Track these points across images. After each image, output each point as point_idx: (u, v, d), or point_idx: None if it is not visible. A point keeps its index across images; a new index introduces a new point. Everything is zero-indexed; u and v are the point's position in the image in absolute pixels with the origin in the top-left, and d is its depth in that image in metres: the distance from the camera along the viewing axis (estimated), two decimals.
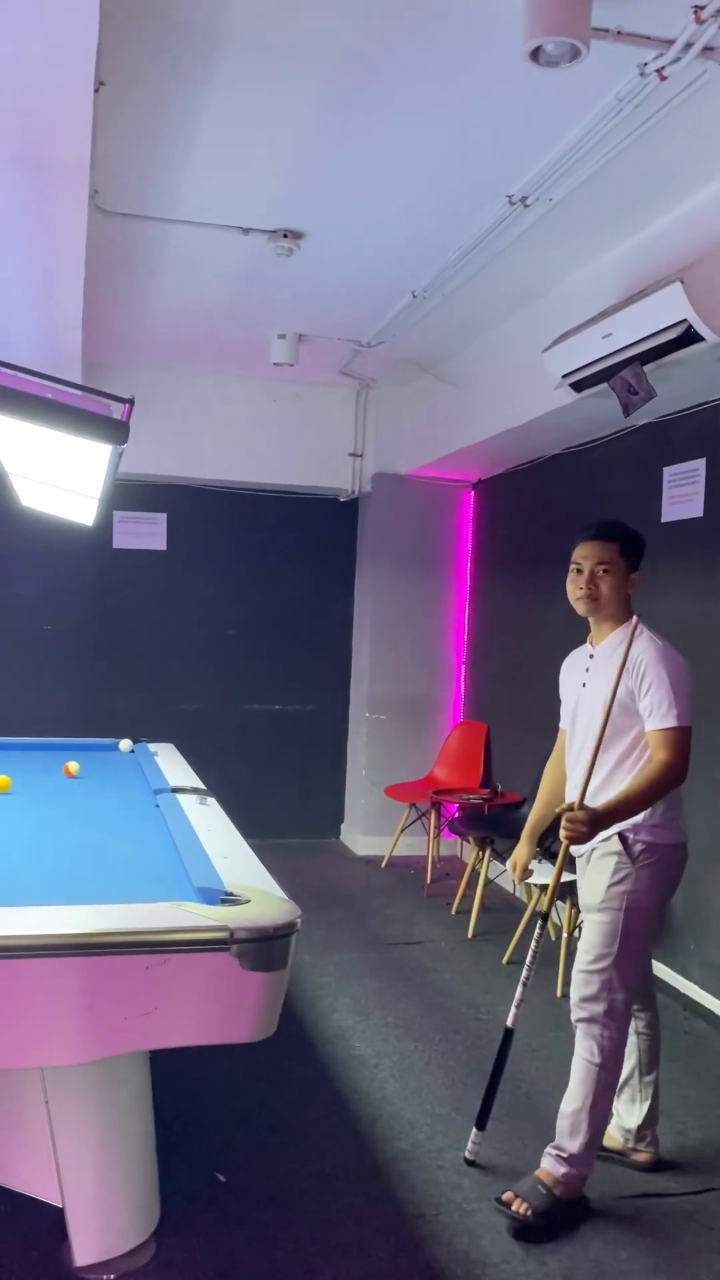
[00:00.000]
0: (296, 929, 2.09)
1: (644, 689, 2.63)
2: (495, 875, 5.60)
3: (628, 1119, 2.86)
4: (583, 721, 2.80)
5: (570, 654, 2.98)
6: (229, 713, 6.74)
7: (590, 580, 2.75)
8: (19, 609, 6.40)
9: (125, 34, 2.60)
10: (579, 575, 2.77)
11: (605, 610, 2.77)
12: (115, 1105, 2.32)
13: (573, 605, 2.81)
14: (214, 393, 6.27)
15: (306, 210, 3.77)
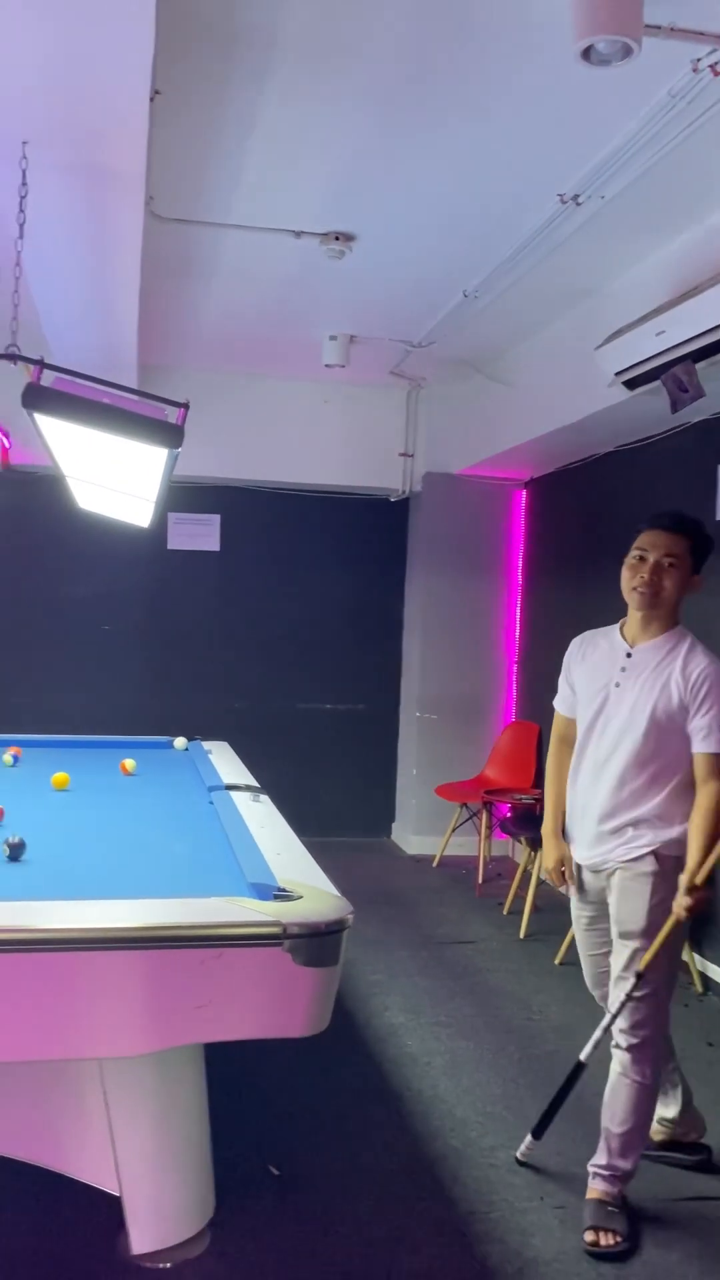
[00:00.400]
0: (348, 925, 2.11)
1: (702, 709, 2.51)
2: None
3: (667, 1111, 2.84)
4: (615, 725, 2.62)
5: (586, 635, 2.78)
6: (281, 711, 6.80)
7: (654, 571, 2.57)
8: (77, 609, 6.51)
9: (180, 43, 2.64)
10: (641, 564, 2.58)
11: (662, 608, 2.59)
12: (171, 1097, 2.36)
13: (626, 595, 2.62)
14: (266, 395, 6.33)
15: (358, 212, 3.79)
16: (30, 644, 6.47)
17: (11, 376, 4.79)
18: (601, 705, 2.65)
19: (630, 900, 2.58)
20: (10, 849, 2.60)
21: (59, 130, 2.60)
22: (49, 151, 2.67)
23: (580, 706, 2.74)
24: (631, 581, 2.60)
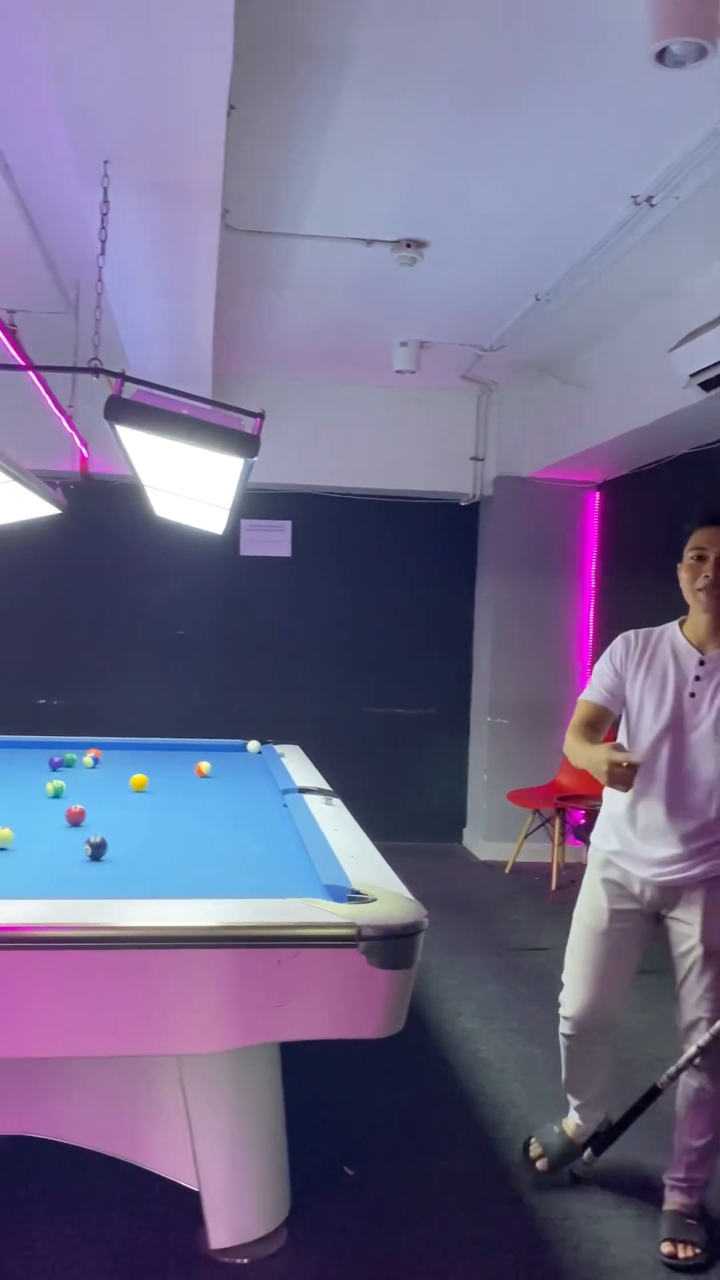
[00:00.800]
0: (423, 928, 2.13)
1: None
2: None
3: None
4: (696, 737, 2.47)
5: (638, 635, 2.59)
6: (352, 715, 6.83)
7: (717, 568, 2.44)
8: (153, 615, 6.64)
9: (255, 58, 2.69)
10: (701, 564, 2.46)
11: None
12: (248, 1094, 2.40)
13: (690, 597, 2.49)
14: (337, 401, 6.38)
15: (430, 219, 3.81)
16: (108, 649, 6.61)
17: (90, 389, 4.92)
18: (675, 717, 2.50)
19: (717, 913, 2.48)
20: (92, 848, 2.67)
21: (139, 148, 2.67)
22: (129, 170, 2.75)
23: (643, 716, 2.54)
24: (696, 582, 2.47)
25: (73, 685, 6.56)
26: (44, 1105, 2.39)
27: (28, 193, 3.59)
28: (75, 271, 4.33)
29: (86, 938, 2.00)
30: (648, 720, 2.53)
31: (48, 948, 1.99)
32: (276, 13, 2.53)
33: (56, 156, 3.24)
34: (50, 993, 2.01)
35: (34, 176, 3.46)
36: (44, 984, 2.00)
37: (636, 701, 2.55)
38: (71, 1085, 2.38)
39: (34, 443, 5.17)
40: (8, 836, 2.74)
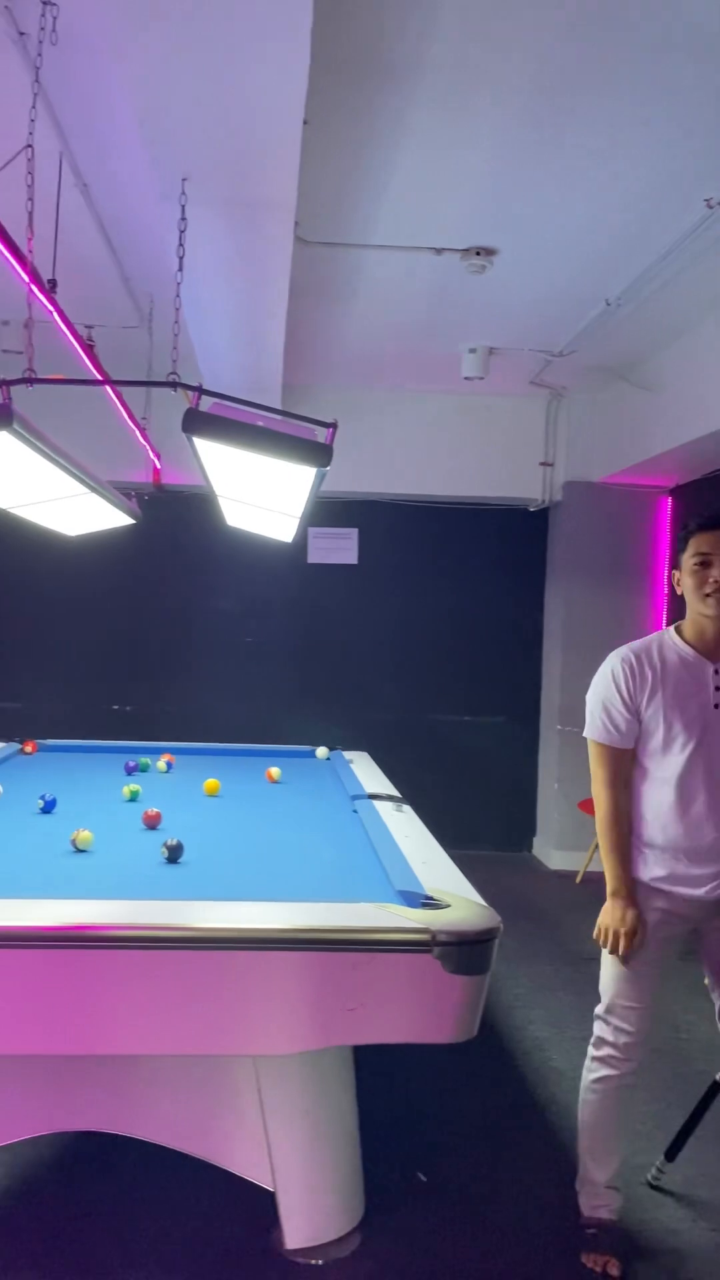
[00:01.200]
0: (498, 934, 2.13)
1: None
2: None
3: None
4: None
5: (636, 654, 2.52)
6: (420, 722, 6.84)
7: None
8: (221, 622, 6.73)
9: (328, 73, 2.72)
10: (706, 570, 2.39)
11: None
12: (322, 1096, 2.42)
13: (698, 603, 2.42)
14: (404, 409, 6.40)
15: (499, 227, 3.82)
16: (179, 656, 6.72)
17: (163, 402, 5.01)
18: (705, 732, 2.43)
19: None
20: (169, 851, 2.72)
21: (216, 166, 2.73)
22: (206, 187, 2.81)
23: (673, 736, 2.46)
24: (704, 588, 2.40)
25: (145, 691, 6.68)
26: (123, 1102, 2.44)
27: (104, 211, 3.68)
28: (149, 286, 4.42)
29: (165, 938, 2.05)
30: (679, 740, 2.45)
31: (128, 947, 2.04)
32: (349, 29, 2.56)
33: (132, 176, 3.33)
34: (130, 991, 2.05)
35: (110, 195, 3.55)
36: (124, 983, 2.05)
37: (659, 722, 2.47)
38: (150, 1084, 2.43)
39: (109, 454, 5.28)
40: (88, 839, 2.81)
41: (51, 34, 2.51)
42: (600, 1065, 2.54)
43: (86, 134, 3.12)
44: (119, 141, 3.13)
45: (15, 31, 2.59)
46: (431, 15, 2.53)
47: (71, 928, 2.05)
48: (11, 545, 5.91)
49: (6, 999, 2.03)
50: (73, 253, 3.68)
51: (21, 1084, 2.42)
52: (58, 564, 6.20)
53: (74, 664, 6.64)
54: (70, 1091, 2.44)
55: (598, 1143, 2.53)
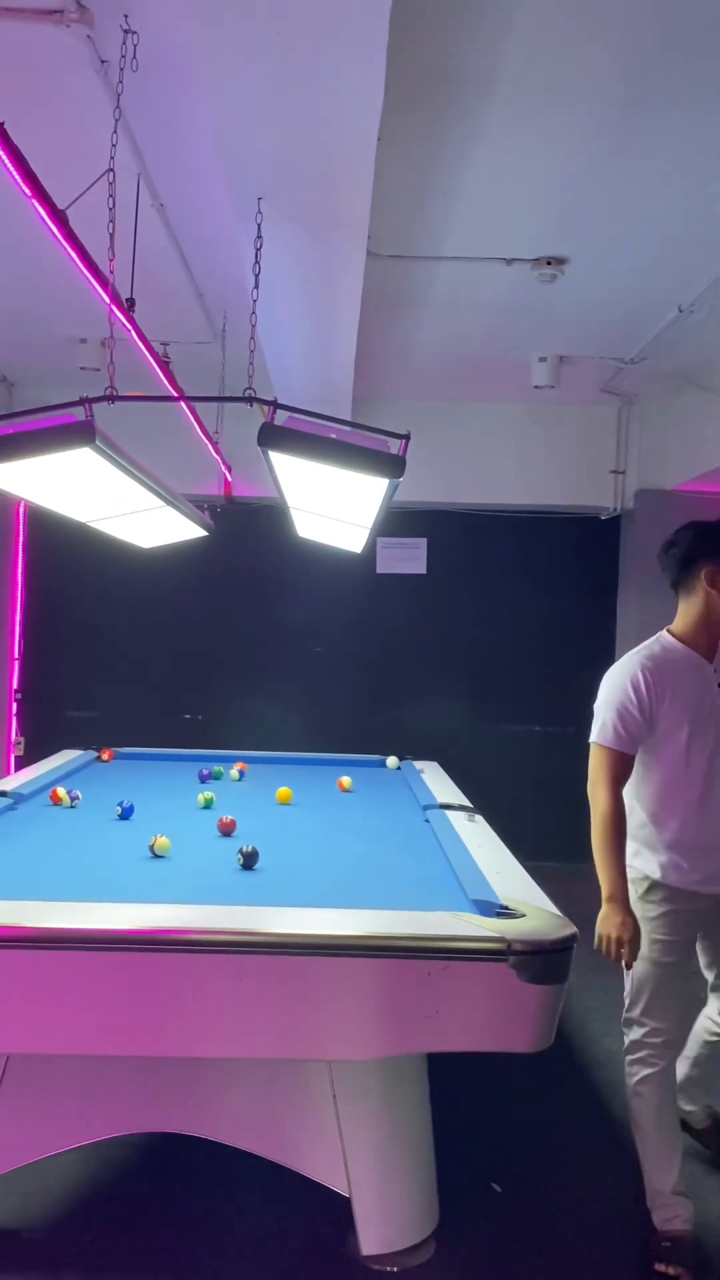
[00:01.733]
0: (574, 944, 2.13)
1: None
2: None
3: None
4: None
5: (648, 662, 2.75)
6: (490, 733, 6.81)
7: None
8: (291, 632, 6.79)
9: (400, 87, 2.75)
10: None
11: None
12: (397, 1103, 2.44)
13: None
14: (474, 418, 6.40)
15: (570, 236, 3.81)
16: (251, 665, 6.79)
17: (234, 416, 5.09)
18: (716, 730, 2.61)
19: None
20: (244, 858, 2.76)
21: (291, 184, 2.78)
22: (281, 205, 2.86)
23: (692, 740, 2.61)
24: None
25: (217, 700, 6.77)
26: (200, 1105, 2.48)
27: (180, 230, 3.76)
28: (222, 302, 4.50)
29: (244, 943, 2.09)
30: (697, 742, 2.61)
31: (207, 951, 2.08)
32: (422, 44, 2.59)
33: (208, 195, 3.39)
34: (207, 995, 2.09)
35: (186, 214, 3.63)
36: (201, 986, 2.09)
37: (670, 726, 2.62)
38: (227, 1087, 2.47)
39: (182, 468, 5.37)
40: (166, 845, 2.87)
41: (132, 61, 2.59)
42: (640, 1066, 2.58)
43: (164, 155, 3.20)
44: (196, 162, 3.20)
45: (98, 60, 2.67)
46: (505, 28, 2.54)
47: (152, 931, 2.10)
48: (89, 559, 6.04)
49: (86, 1000, 2.09)
50: (150, 271, 3.76)
51: (101, 1085, 2.48)
52: (133, 576, 6.32)
53: (148, 674, 6.76)
54: (148, 1093, 2.49)
55: (652, 1147, 2.56)
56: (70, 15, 2.50)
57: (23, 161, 2.26)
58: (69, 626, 6.78)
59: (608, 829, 2.66)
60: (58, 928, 2.09)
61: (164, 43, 2.59)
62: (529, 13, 2.48)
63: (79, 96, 2.87)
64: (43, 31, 2.57)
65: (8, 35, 2.59)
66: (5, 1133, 2.44)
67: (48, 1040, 2.15)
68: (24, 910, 2.18)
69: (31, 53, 2.70)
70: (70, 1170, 2.75)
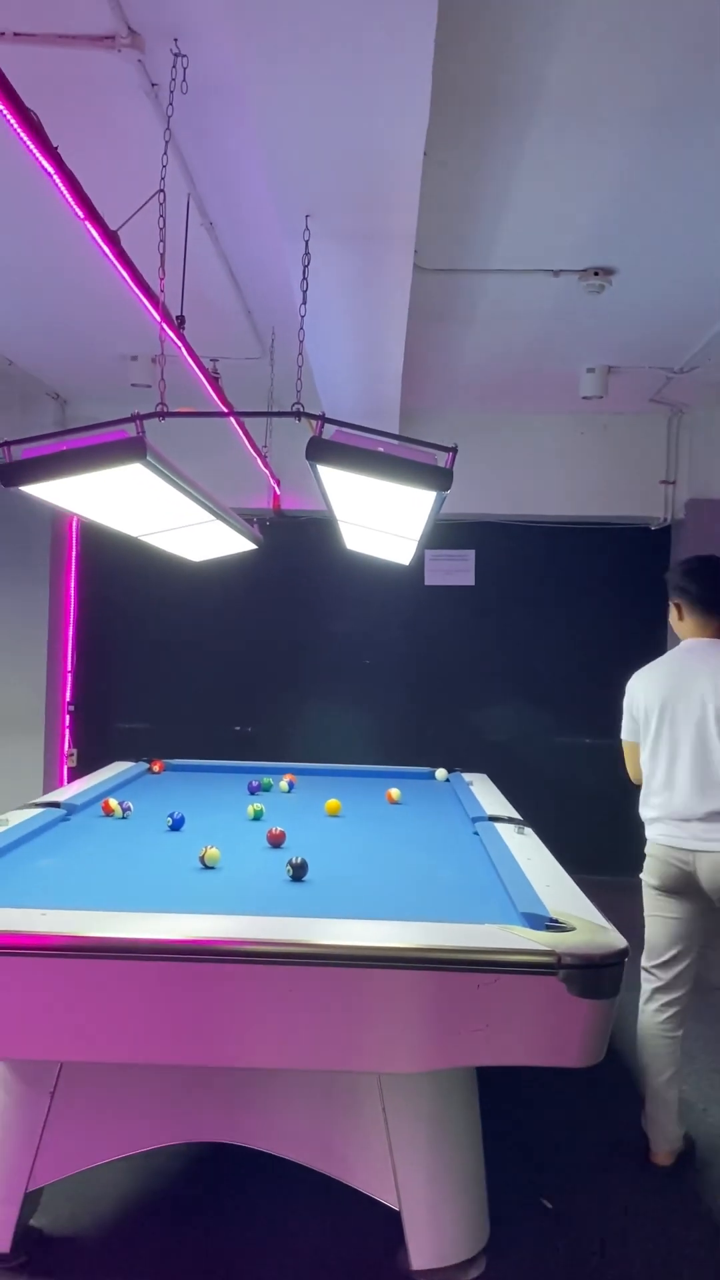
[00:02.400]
0: (625, 958, 2.11)
1: None
2: None
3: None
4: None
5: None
6: (539, 745, 6.77)
7: None
8: (340, 644, 6.81)
9: (446, 101, 2.76)
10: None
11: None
12: (447, 1117, 2.43)
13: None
14: (521, 430, 6.39)
15: (618, 247, 3.79)
16: (298, 677, 6.82)
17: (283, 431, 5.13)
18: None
19: None
20: (294, 869, 2.77)
21: (339, 201, 2.81)
22: (329, 222, 2.88)
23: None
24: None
25: (266, 712, 6.80)
26: (249, 1115, 2.49)
27: (229, 248, 3.81)
28: (270, 318, 4.54)
29: (293, 954, 2.09)
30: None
31: (257, 962, 2.09)
32: (467, 59, 2.60)
33: (256, 213, 3.44)
34: (256, 1005, 2.11)
35: (234, 232, 3.68)
36: (251, 996, 2.10)
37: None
38: (276, 1098, 2.48)
39: (231, 481, 5.43)
40: (216, 856, 2.89)
41: (182, 84, 2.64)
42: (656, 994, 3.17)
43: (213, 174, 3.25)
44: (244, 180, 3.24)
45: (148, 83, 2.72)
46: (549, 41, 2.55)
47: (203, 942, 2.12)
48: (140, 573, 6.12)
49: (137, 1010, 2.11)
50: (199, 289, 3.82)
51: (151, 1094, 2.50)
52: (183, 590, 6.39)
53: (198, 686, 6.82)
54: (199, 1103, 2.51)
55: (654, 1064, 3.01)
56: (122, 40, 2.55)
57: (76, 185, 2.31)
58: (120, 640, 6.87)
59: None
60: (111, 937, 2.12)
61: (213, 65, 2.63)
62: (573, 26, 2.49)
63: (130, 119, 2.93)
64: (95, 57, 2.63)
65: (61, 61, 2.65)
66: (58, 1140, 2.47)
67: (100, 1049, 2.17)
68: (78, 920, 2.21)
69: (84, 78, 2.76)
70: (121, 1179, 2.78)
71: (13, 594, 6.48)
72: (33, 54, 2.59)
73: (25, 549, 6.47)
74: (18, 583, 6.48)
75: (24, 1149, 2.47)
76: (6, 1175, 2.47)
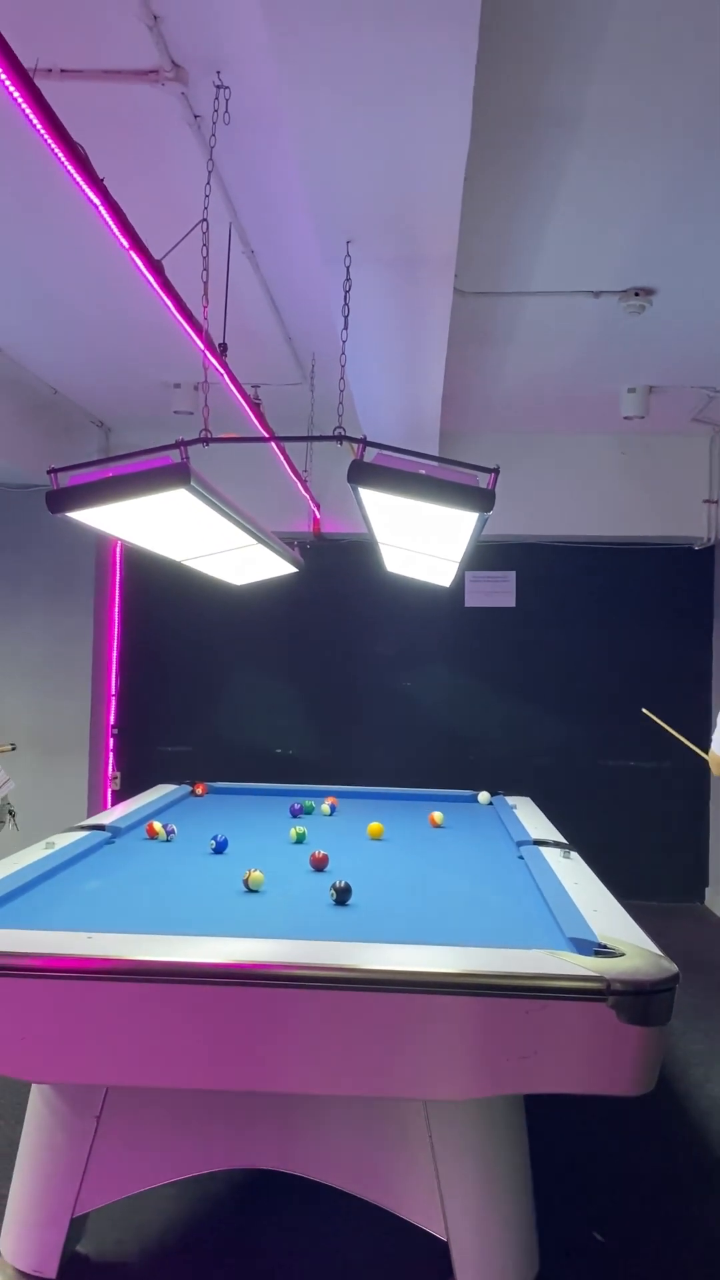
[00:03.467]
0: (676, 984, 2.07)
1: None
2: None
3: None
4: None
5: None
6: (583, 767, 6.71)
7: None
8: (380, 666, 6.81)
9: (486, 127, 2.78)
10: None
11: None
12: (494, 1145, 2.39)
13: None
14: (562, 450, 6.37)
15: (658, 267, 3.78)
16: (339, 700, 6.83)
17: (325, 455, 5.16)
18: None
19: None
20: (337, 893, 2.76)
21: (379, 227, 2.83)
22: (369, 248, 2.91)
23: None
24: None
25: (307, 735, 6.81)
26: (295, 1142, 2.47)
27: (270, 275, 3.85)
28: (310, 344, 4.58)
29: (339, 978, 2.08)
30: None
31: (303, 986, 2.08)
32: (507, 84, 2.62)
33: (297, 239, 3.47)
34: (301, 1030, 2.09)
35: (276, 259, 3.72)
36: (296, 1021, 2.09)
37: None
38: (321, 1124, 2.45)
39: (272, 505, 5.47)
40: (260, 879, 2.89)
41: (224, 115, 2.68)
42: None
43: (254, 203, 3.29)
44: (285, 208, 3.28)
45: (191, 115, 2.77)
46: (587, 66, 2.56)
47: (248, 965, 2.11)
48: (182, 596, 6.17)
49: (182, 1034, 2.10)
50: (240, 316, 3.87)
51: (197, 1119, 2.49)
52: (224, 613, 6.43)
53: (239, 709, 6.85)
54: (243, 1129, 2.49)
55: None
56: (166, 74, 2.60)
57: (122, 216, 2.35)
58: (162, 663, 6.92)
59: None
60: (157, 960, 2.12)
61: (254, 96, 2.67)
62: (611, 50, 2.50)
63: (173, 150, 2.98)
64: (139, 91, 2.68)
65: (107, 96, 2.71)
66: (104, 1165, 2.47)
67: (144, 1073, 2.17)
68: (123, 943, 2.21)
69: (129, 111, 2.81)
70: (166, 1205, 2.76)
71: (58, 618, 6.56)
72: (79, 89, 2.64)
73: (70, 573, 6.56)
74: (63, 607, 6.57)
75: (70, 1174, 2.47)
76: (53, 1200, 2.47)
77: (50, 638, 6.57)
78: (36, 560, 6.52)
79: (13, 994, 2.12)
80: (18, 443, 5.50)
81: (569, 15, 2.37)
